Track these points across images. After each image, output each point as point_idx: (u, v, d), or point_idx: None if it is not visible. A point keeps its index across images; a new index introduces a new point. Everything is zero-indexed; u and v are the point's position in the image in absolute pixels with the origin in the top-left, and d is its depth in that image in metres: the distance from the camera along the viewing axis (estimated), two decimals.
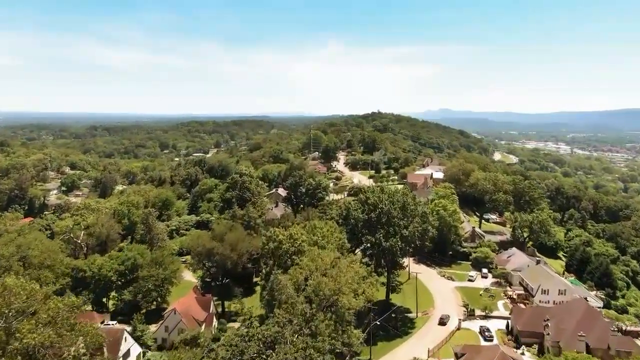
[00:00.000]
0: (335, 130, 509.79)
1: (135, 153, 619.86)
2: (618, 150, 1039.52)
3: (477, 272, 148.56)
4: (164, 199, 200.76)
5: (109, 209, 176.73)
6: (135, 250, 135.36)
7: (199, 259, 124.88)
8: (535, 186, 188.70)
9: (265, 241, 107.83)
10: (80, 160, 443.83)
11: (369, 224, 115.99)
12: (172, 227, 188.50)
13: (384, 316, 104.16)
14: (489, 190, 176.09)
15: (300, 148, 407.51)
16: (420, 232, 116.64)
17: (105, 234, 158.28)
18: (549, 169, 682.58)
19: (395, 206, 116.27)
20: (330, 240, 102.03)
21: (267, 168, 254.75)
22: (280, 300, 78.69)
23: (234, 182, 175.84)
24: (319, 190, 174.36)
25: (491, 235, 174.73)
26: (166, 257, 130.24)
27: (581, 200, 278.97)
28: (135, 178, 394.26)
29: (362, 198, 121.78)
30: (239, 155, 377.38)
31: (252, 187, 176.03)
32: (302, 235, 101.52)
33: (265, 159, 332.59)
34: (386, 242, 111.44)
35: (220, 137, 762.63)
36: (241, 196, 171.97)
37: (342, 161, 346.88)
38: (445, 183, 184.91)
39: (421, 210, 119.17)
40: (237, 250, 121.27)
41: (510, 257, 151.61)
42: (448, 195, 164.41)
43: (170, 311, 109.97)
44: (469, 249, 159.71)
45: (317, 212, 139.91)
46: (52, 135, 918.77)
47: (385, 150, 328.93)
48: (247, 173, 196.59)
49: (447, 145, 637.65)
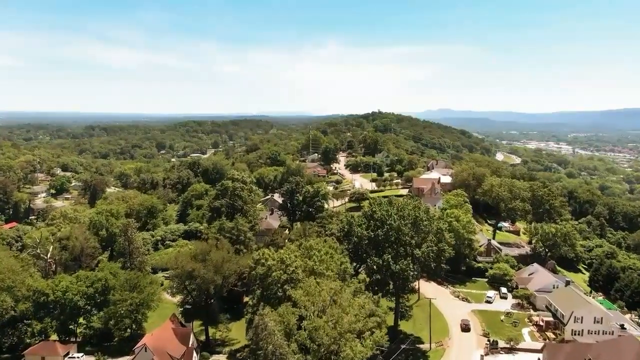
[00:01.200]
0: (336, 131, 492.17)
1: (131, 154, 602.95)
2: (620, 150, 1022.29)
3: (495, 292, 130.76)
4: (149, 207, 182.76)
5: (89, 217, 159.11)
6: (107, 269, 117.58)
7: (178, 282, 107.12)
8: (555, 193, 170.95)
9: (253, 264, 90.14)
10: (72, 162, 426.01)
11: (375, 242, 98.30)
12: (157, 237, 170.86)
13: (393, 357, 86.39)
14: (505, 198, 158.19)
15: (299, 149, 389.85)
16: (436, 252, 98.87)
17: (80, 248, 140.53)
18: (553, 169, 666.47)
19: (406, 222, 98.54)
20: (329, 266, 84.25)
21: (263, 172, 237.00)
22: (266, 352, 60.97)
23: (223, 189, 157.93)
24: (318, 198, 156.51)
25: (507, 247, 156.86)
26: (141, 279, 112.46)
27: (595, 205, 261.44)
28: (128, 180, 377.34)
29: (366, 212, 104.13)
30: (234, 156, 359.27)
31: (245, 194, 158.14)
32: (296, 260, 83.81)
33: (262, 161, 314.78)
34: (396, 264, 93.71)
35: (219, 138, 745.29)
36: (232, 205, 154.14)
37: (342, 163, 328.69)
38: (457, 190, 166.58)
39: (436, 227, 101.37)
40: (223, 272, 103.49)
41: (532, 275, 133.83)
42: (461, 204, 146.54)
43: (141, 347, 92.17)
44: (485, 265, 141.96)
45: (315, 226, 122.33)
46: (49, 135, 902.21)
47: (388, 151, 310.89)
48: (240, 178, 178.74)
49: (449, 146, 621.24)
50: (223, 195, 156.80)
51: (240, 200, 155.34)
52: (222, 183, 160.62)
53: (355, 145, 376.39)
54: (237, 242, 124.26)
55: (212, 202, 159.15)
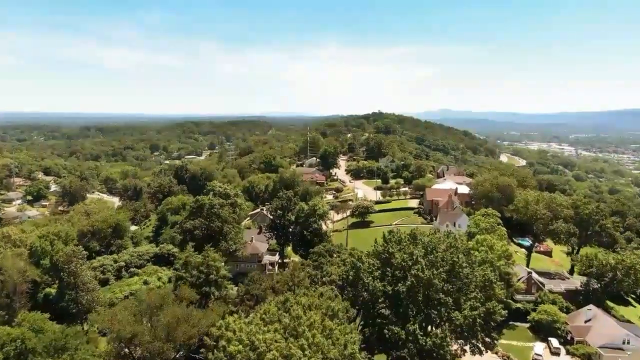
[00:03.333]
0: (335, 132, 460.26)
1: (124, 155, 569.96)
2: (624, 152, 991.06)
3: (543, 345, 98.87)
4: (114, 224, 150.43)
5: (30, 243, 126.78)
6: (28, 322, 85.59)
7: (116, 349, 75.17)
8: (605, 212, 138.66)
9: (212, 341, 58.16)
10: (55, 165, 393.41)
11: (395, 300, 66.55)
12: (121, 262, 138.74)
13: None
14: (545, 218, 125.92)
15: (296, 152, 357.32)
16: (485, 313, 66.93)
17: (12, 284, 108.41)
18: (559, 172, 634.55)
19: (439, 270, 66.67)
20: (327, 353, 52.21)
21: (253, 180, 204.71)
22: None
23: (198, 206, 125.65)
24: (314, 219, 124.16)
25: (548, 279, 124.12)
26: (70, 339, 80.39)
27: (625, 217, 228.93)
28: (115, 185, 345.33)
29: (380, 252, 72.14)
30: (226, 161, 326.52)
31: (225, 212, 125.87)
32: (274, 343, 51.88)
33: (255, 166, 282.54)
34: (426, 336, 61.89)
35: (216, 139, 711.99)
36: (207, 226, 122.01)
37: (343, 168, 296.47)
38: (488, 209, 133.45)
39: (482, 276, 69.32)
40: (176, 339, 71.51)
41: (590, 323, 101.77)
42: (493, 227, 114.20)
43: None
44: (526, 305, 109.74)
45: (308, 266, 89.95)
46: (44, 136, 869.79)
47: (393, 155, 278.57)
48: (221, 191, 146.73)
49: (453, 148, 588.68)
50: (198, 213, 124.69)
51: (218, 220, 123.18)
52: (197, 199, 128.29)
53: (356, 148, 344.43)
54: (207, 283, 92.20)
55: (184, 222, 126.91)
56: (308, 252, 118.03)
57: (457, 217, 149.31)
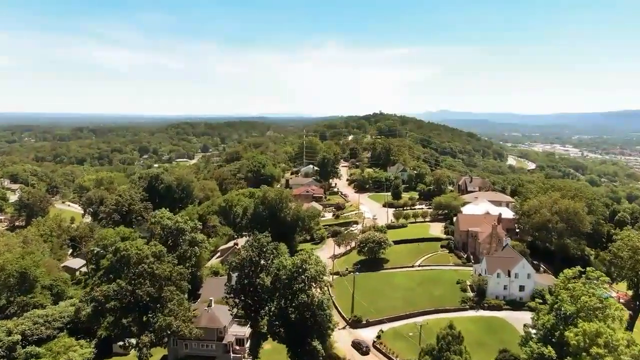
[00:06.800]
0: (336, 134, 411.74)
1: (110, 159, 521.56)
2: (630, 154, 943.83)
3: None
4: (21, 271, 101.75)
5: None
6: None
7: None
8: None
9: None
10: (24, 172, 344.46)
11: None
12: (16, 334, 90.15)
13: None
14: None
15: (292, 157, 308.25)
16: None
17: None
18: (571, 176, 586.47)
19: None
20: None
21: (231, 198, 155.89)
22: None
23: (118, 260, 76.96)
24: (303, 284, 73.16)
25: None
26: None
27: None
28: None
29: None
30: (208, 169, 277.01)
31: (164, 269, 77.33)
32: None
33: (241, 175, 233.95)
34: None
35: (210, 140, 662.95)
36: (132, 293, 73.49)
37: (344, 177, 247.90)
38: (591, 270, 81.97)
39: None
40: None
41: None
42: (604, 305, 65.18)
43: None
44: None
45: None
46: (35, 138, 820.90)
47: (404, 163, 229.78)
48: (172, 225, 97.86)
49: (460, 151, 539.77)
50: (116, 273, 75.97)
51: (150, 285, 74.57)
52: (117, 247, 79.22)
53: (359, 153, 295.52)
54: None
55: (94, 285, 78.30)
56: (291, 335, 69.65)
57: (513, 264, 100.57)
